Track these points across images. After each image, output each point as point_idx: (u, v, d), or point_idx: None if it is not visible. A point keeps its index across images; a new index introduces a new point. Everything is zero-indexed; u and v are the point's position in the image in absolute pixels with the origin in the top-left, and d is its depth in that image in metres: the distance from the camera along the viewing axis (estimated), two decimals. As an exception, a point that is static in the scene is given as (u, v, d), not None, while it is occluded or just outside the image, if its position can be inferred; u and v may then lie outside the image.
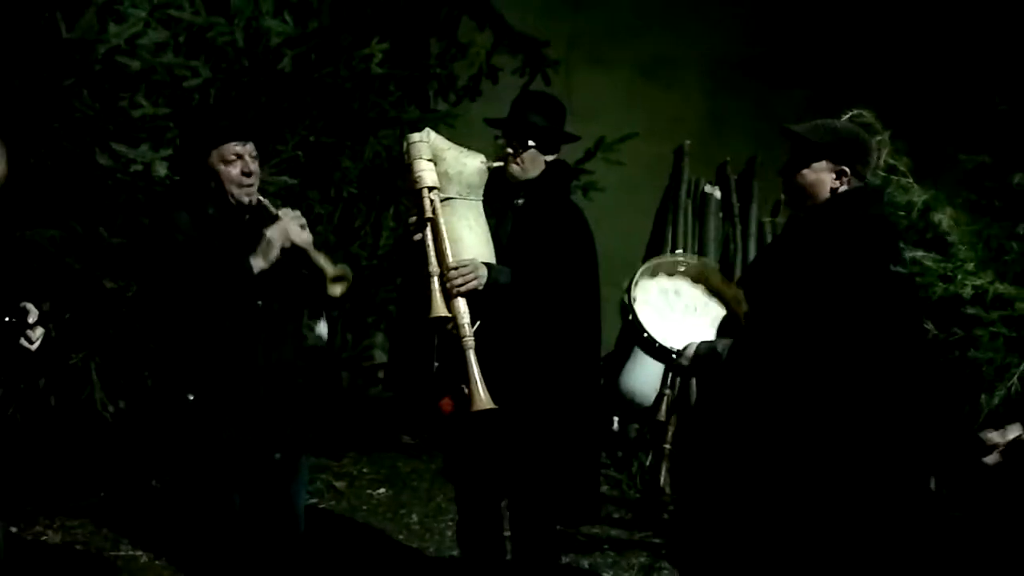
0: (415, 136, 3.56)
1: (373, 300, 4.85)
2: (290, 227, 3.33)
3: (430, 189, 3.48)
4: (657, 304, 3.36)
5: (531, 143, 3.67)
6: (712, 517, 3.25)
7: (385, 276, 5.31)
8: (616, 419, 5.62)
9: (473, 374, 3.40)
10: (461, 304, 3.45)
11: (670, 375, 3.48)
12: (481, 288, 3.47)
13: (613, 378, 5.28)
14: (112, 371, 4.76)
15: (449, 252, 3.46)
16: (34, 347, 3.05)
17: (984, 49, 6.30)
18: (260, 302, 3.34)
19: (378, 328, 5.53)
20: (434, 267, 3.46)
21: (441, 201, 3.49)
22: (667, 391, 3.47)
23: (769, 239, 5.78)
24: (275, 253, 3.31)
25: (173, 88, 4.75)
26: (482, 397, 3.39)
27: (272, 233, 3.31)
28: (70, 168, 4.58)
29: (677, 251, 3.60)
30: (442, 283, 3.45)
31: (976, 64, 6.24)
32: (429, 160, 3.50)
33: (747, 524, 3.10)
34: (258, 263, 3.29)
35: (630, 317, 3.27)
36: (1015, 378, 3.95)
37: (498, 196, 3.68)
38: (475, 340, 3.44)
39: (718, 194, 5.86)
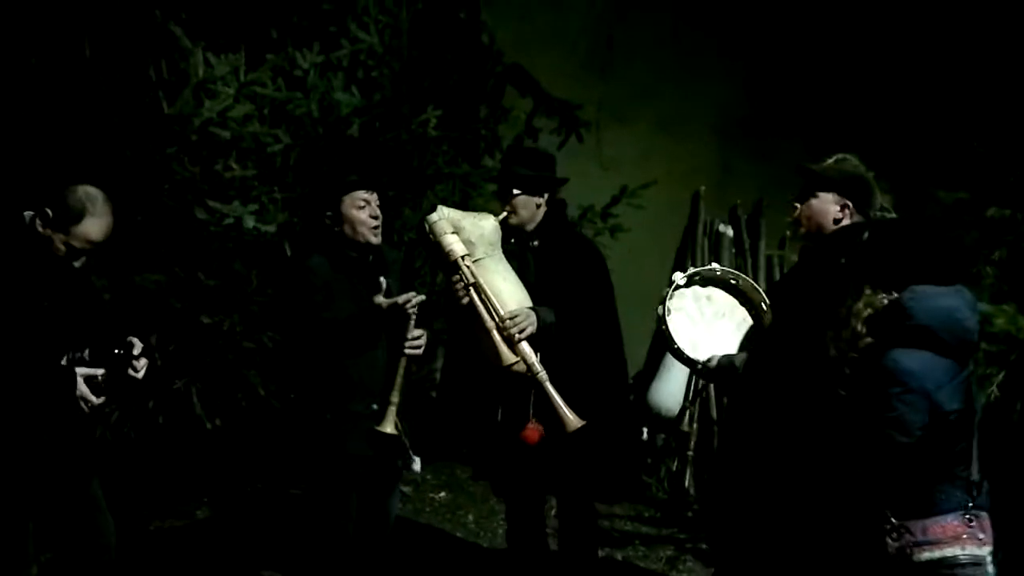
0: (433, 216, 3.51)
1: (432, 330, 4.83)
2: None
3: (463, 257, 3.44)
4: (690, 309, 3.30)
5: (515, 191, 3.62)
6: (736, 514, 3.24)
7: (442, 310, 5.22)
8: (645, 430, 5.53)
9: (557, 401, 3.37)
10: (525, 347, 3.42)
11: (692, 390, 3.43)
12: (535, 331, 3.45)
13: (642, 394, 5.25)
14: (210, 394, 4.79)
15: (498, 305, 3.42)
16: (140, 375, 3.07)
17: (960, 95, 6.23)
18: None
19: (436, 355, 5.50)
20: (490, 323, 3.42)
21: (473, 263, 3.46)
22: (689, 404, 3.44)
23: (776, 270, 5.75)
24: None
25: (259, 153, 4.83)
26: (572, 418, 3.36)
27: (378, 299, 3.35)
28: (173, 222, 4.68)
29: (714, 264, 3.56)
30: (501, 334, 3.41)
31: (953, 109, 6.17)
32: (452, 233, 3.46)
33: (765, 518, 3.06)
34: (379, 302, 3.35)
35: (663, 327, 3.21)
36: (994, 386, 3.87)
37: (514, 242, 3.65)
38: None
39: (730, 232, 5.84)
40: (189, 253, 4.70)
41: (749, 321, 3.31)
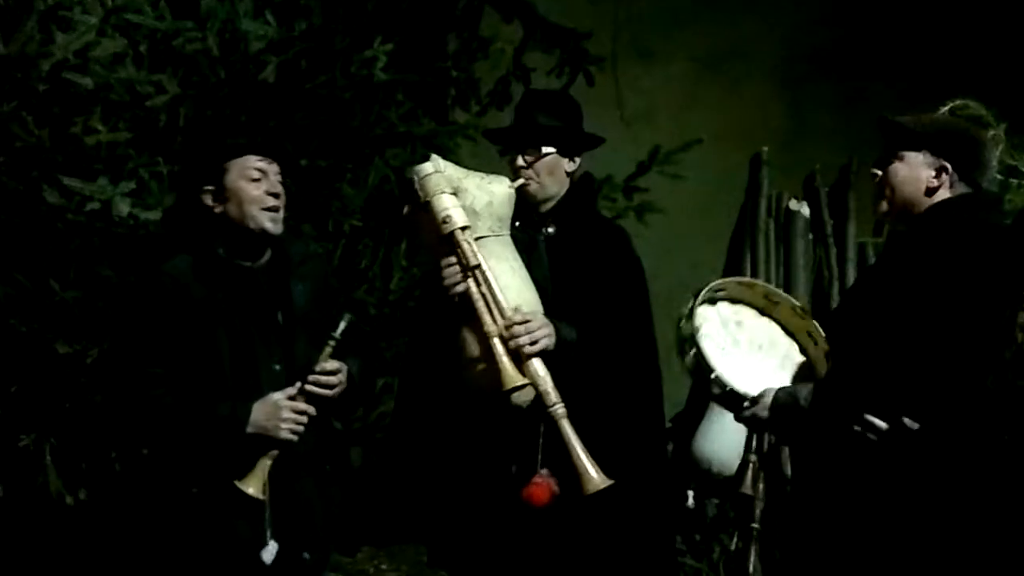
0: (427, 167, 3.39)
1: (383, 358, 4.78)
2: (280, 426, 3.26)
3: (463, 230, 3.34)
4: (718, 336, 3.26)
5: (545, 149, 3.59)
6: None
7: (398, 328, 5.27)
8: (691, 493, 5.53)
9: (576, 449, 3.27)
10: (538, 366, 3.33)
11: (755, 436, 3.38)
12: (552, 347, 3.37)
13: (685, 443, 5.25)
14: (70, 454, 4.76)
15: (504, 303, 3.33)
16: None
17: None
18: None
19: (391, 392, 5.48)
20: (490, 326, 3.32)
21: (474, 240, 3.38)
22: (752, 456, 3.33)
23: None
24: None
25: (134, 108, 4.80)
26: (594, 475, 3.26)
27: (256, 416, 3.26)
28: (13, 209, 4.62)
29: (720, 281, 3.59)
30: (505, 344, 3.31)
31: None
32: (451, 194, 3.36)
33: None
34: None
35: (692, 352, 3.15)
36: None
37: (522, 225, 3.59)
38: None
39: (806, 211, 5.90)
40: (37, 253, 4.66)
41: (797, 357, 3.29)
